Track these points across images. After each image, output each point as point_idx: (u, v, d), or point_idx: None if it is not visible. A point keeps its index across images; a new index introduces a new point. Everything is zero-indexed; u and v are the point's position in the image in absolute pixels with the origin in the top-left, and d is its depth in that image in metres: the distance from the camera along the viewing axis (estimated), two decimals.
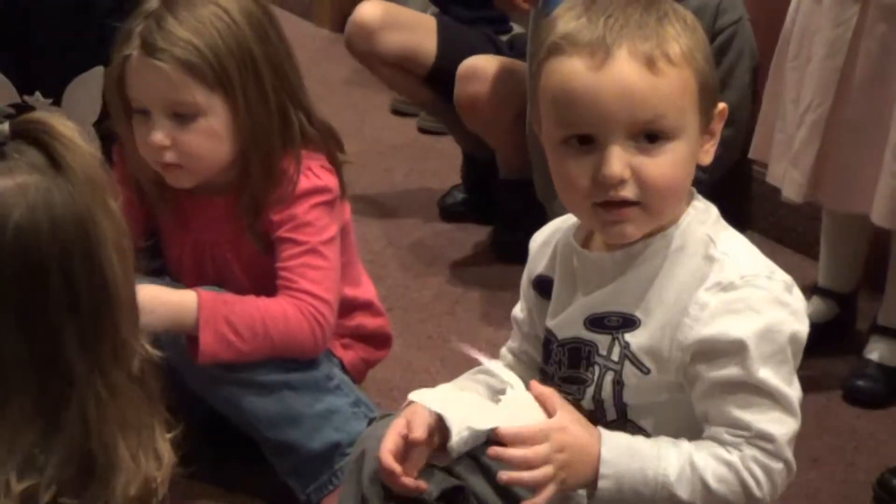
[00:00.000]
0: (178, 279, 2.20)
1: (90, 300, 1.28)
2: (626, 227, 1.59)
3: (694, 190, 1.66)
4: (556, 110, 1.57)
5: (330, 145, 2.16)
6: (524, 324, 1.79)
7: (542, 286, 1.73)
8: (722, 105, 1.62)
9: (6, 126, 1.28)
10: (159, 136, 2.03)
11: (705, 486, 1.56)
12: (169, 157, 2.05)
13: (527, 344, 1.79)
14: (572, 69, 1.55)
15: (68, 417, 1.28)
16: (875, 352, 2.56)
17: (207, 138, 2.06)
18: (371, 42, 3.17)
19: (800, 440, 1.60)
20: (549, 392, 1.60)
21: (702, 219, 1.63)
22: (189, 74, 2.02)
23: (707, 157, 1.63)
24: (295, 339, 2.08)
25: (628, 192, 1.56)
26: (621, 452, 1.57)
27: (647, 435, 1.63)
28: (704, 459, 1.57)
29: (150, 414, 1.35)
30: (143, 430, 1.33)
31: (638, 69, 1.53)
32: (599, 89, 1.53)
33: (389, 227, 3.21)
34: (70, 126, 1.30)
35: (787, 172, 2.51)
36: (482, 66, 3.02)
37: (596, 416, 1.65)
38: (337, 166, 2.16)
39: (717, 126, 1.63)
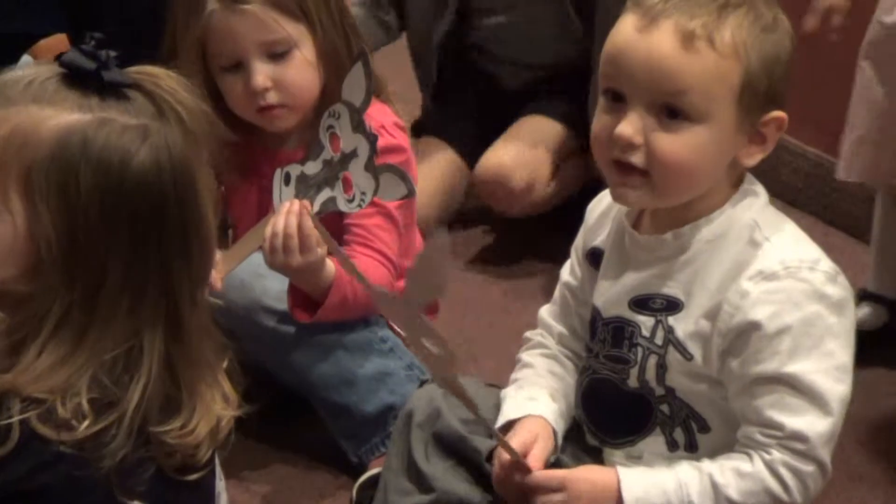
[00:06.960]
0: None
1: (197, 241, 1.35)
2: (629, 193, 1.61)
3: (745, 172, 1.65)
4: (603, 61, 1.61)
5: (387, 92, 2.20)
6: (578, 291, 1.78)
7: (597, 259, 1.74)
8: (778, 114, 1.59)
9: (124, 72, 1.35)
10: (260, 79, 2.08)
11: (731, 503, 1.58)
12: (271, 97, 2.10)
13: (582, 310, 1.78)
14: (624, 26, 1.58)
15: (153, 349, 1.33)
16: None
17: (304, 69, 2.10)
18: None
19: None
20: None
21: (748, 203, 1.63)
22: (276, 10, 2.07)
23: (751, 161, 1.61)
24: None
25: (637, 159, 1.58)
26: (642, 489, 1.59)
27: (697, 414, 1.64)
28: (725, 477, 1.58)
29: (218, 356, 1.42)
30: (214, 370, 1.40)
31: (673, 44, 1.54)
32: (634, 51, 1.56)
33: None
34: (177, 79, 1.37)
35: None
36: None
37: (643, 393, 1.66)
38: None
39: (770, 132, 1.60)
